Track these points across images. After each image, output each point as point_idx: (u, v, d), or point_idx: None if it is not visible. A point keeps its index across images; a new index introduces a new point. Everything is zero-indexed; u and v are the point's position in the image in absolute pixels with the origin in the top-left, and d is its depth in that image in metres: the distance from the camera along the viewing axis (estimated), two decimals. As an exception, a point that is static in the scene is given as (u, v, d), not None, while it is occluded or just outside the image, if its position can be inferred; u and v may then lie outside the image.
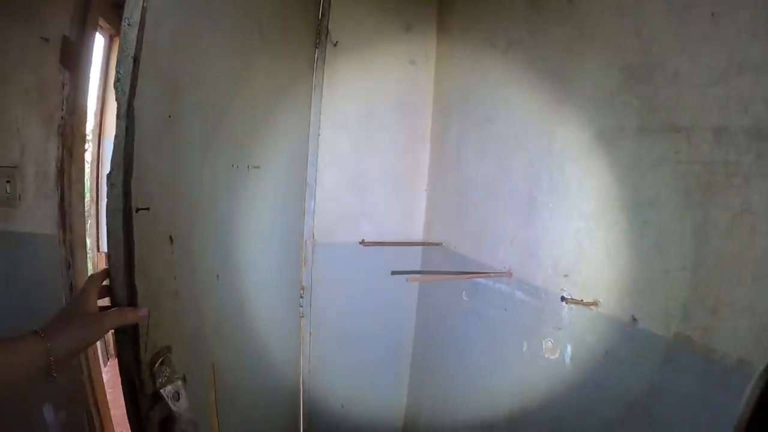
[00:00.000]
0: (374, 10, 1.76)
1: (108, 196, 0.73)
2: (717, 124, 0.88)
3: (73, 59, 1.49)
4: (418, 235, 1.95)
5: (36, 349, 0.63)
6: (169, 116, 0.83)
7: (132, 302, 0.75)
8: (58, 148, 1.48)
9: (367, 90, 1.78)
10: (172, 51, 0.83)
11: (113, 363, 3.24)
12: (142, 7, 0.74)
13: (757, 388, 0.77)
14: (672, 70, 0.96)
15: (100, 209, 3.07)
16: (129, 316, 0.74)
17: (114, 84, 0.74)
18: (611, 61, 1.09)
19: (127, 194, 0.73)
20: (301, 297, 1.75)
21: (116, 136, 0.73)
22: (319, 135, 1.70)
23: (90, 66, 1.58)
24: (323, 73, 1.67)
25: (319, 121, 1.69)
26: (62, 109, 1.48)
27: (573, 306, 1.16)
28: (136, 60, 0.73)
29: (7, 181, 1.48)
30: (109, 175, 0.73)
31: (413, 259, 1.94)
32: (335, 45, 1.67)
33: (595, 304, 1.11)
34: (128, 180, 0.73)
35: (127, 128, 0.72)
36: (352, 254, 1.82)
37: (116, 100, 0.73)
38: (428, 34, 1.86)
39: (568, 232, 1.20)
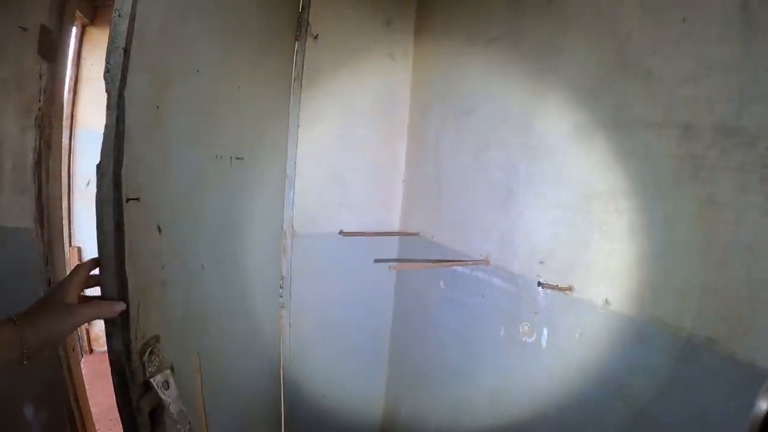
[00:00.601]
0: (354, 4, 1.76)
1: (98, 186, 0.72)
2: (686, 121, 0.92)
3: (51, 49, 1.44)
4: (396, 225, 1.96)
5: (9, 338, 0.63)
6: (158, 107, 0.82)
7: (122, 292, 0.75)
8: (36, 139, 1.43)
9: (347, 83, 1.78)
10: (161, 42, 0.82)
11: (88, 358, 3.16)
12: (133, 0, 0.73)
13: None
14: (645, 69, 1.00)
15: (72, 202, 2.98)
16: (105, 310, 0.73)
17: (104, 75, 0.73)
18: (588, 59, 1.13)
19: (117, 184, 0.72)
20: (281, 287, 1.74)
21: (106, 126, 0.72)
22: (298, 127, 1.69)
23: (68, 56, 1.53)
24: (303, 66, 1.65)
25: (298, 113, 1.68)
26: (40, 100, 1.42)
27: (549, 291, 1.20)
28: (126, 51, 0.72)
29: (-17, 174, 1.42)
30: (99, 165, 0.72)
31: (391, 248, 1.96)
32: (315, 38, 1.66)
33: (570, 288, 1.15)
34: (119, 170, 0.72)
35: (117, 118, 0.71)
36: (330, 244, 1.82)
37: (106, 90, 0.72)
38: (407, 29, 1.87)
39: (545, 220, 1.24)
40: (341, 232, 1.80)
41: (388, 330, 2.04)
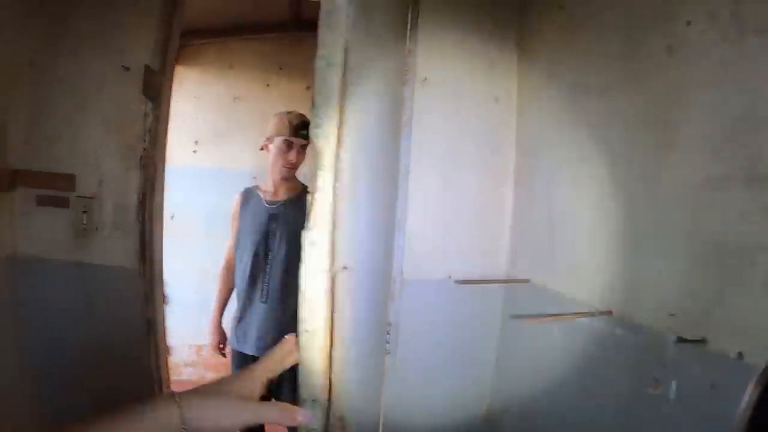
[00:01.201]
0: (458, 46, 1.65)
1: (307, 256, 0.61)
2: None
3: (155, 89, 1.33)
4: (501, 271, 1.81)
5: (170, 417, 0.50)
6: (353, 165, 0.71)
7: (327, 370, 0.62)
8: (141, 180, 1.30)
9: (453, 127, 1.67)
10: (362, 97, 0.71)
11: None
12: (344, 48, 0.62)
13: (760, 384, 0.73)
14: (778, 122, 0.92)
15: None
16: (286, 419, 0.57)
17: (312, 130, 0.62)
18: (716, 112, 1.04)
19: (331, 254, 0.61)
20: (388, 333, 1.58)
21: (318, 189, 0.61)
22: (409, 172, 1.56)
23: (170, 96, 1.42)
24: (411, 111, 1.54)
25: (409, 158, 1.56)
26: (145, 140, 1.30)
27: (679, 343, 1.10)
28: (342, 107, 0.61)
29: (84, 212, 1.29)
30: (307, 233, 0.61)
31: (496, 295, 1.80)
32: (424, 81, 1.56)
33: (702, 341, 1.05)
34: (333, 238, 0.61)
35: (334, 182, 0.60)
36: (438, 291, 1.68)
37: (317, 148, 0.61)
38: (510, 71, 1.76)
39: (675, 272, 1.13)
40: (454, 280, 1.65)
41: (489, 378, 1.86)
